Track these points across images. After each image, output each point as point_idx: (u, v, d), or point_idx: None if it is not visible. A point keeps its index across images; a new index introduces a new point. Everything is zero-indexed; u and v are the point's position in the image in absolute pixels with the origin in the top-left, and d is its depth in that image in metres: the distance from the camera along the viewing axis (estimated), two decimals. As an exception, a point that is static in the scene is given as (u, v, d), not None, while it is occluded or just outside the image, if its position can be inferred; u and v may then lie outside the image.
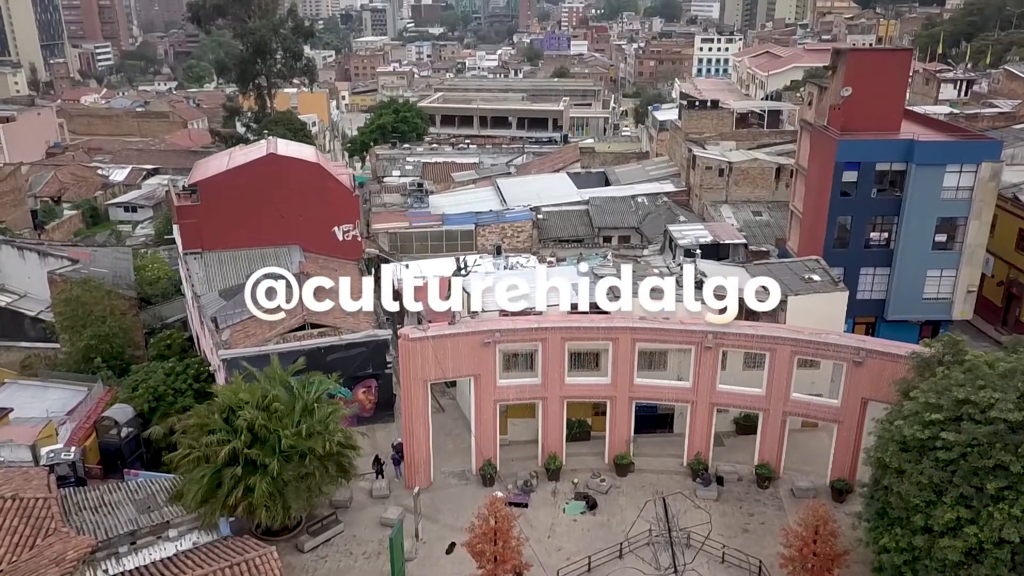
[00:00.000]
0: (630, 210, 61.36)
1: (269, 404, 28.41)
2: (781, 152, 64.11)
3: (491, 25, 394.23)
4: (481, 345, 31.82)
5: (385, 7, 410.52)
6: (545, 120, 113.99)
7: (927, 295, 41.43)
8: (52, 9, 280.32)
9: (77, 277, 46.89)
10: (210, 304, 40.96)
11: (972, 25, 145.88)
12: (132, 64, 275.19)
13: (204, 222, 44.82)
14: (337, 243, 46.99)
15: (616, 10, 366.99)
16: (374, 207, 63.70)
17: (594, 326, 32.56)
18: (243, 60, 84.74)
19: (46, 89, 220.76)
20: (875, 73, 40.77)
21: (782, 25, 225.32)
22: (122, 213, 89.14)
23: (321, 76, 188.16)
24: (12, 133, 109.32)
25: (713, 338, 31.67)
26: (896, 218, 40.21)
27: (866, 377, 30.13)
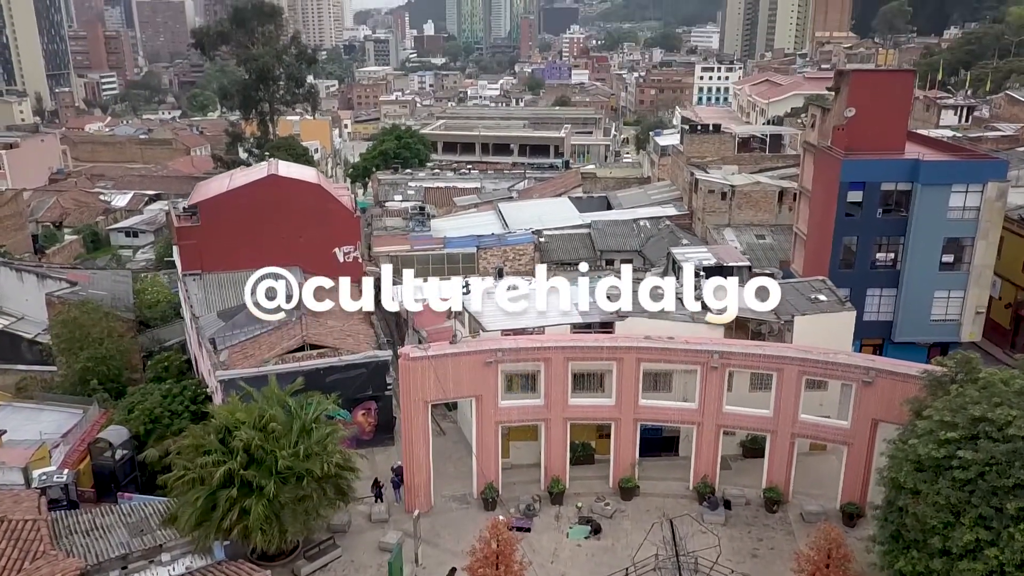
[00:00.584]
0: (632, 233, 61.12)
1: (266, 424, 27.77)
2: (783, 176, 64.02)
3: (493, 55, 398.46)
4: (483, 365, 31.25)
5: (388, 38, 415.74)
6: (546, 147, 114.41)
7: (935, 316, 40.92)
8: (59, 39, 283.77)
9: (75, 299, 46.50)
10: (209, 325, 40.44)
11: (970, 54, 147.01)
12: (137, 93, 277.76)
13: (204, 243, 44.53)
14: (338, 265, 46.53)
15: (616, 41, 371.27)
16: (376, 231, 63.50)
17: (598, 345, 32.03)
18: (246, 86, 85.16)
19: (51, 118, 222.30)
20: (878, 93, 40.64)
21: (781, 55, 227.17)
22: (123, 238, 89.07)
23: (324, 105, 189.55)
24: (15, 159, 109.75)
25: (719, 358, 31.10)
26: (902, 238, 39.81)
27: (876, 397, 29.50)
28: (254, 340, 38.64)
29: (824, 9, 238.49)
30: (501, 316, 34.81)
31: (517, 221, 63.59)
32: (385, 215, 67.03)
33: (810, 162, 47.50)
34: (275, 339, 38.22)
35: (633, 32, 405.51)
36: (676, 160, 73.14)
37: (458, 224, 65.31)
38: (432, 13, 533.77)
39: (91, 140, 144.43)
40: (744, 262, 48.60)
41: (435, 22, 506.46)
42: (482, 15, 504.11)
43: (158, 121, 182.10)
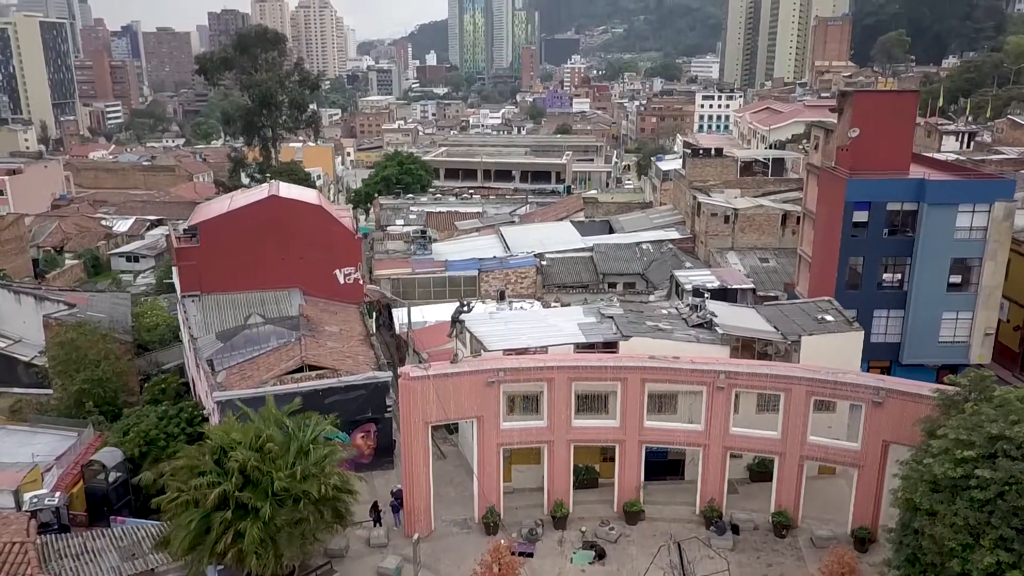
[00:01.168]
0: (635, 256, 60.80)
1: (262, 444, 27.10)
2: (786, 200, 63.80)
3: (495, 86, 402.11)
4: (484, 385, 30.64)
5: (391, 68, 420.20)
6: (548, 173, 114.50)
7: (943, 338, 40.33)
8: (65, 69, 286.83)
9: (72, 320, 45.99)
10: (207, 347, 39.92)
11: (970, 82, 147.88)
12: (141, 122, 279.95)
13: (203, 264, 44.12)
14: (338, 286, 46.21)
15: (617, 71, 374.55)
16: (377, 254, 63.20)
17: (602, 365, 31.44)
18: (248, 111, 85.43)
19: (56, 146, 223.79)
20: (882, 114, 40.47)
21: (781, 84, 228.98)
22: (124, 263, 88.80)
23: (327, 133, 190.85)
24: (18, 185, 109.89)
25: (725, 378, 30.48)
26: (909, 259, 39.37)
27: (887, 418, 28.83)
28: (252, 361, 38.18)
29: (823, 39, 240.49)
30: (503, 335, 34.32)
31: (519, 245, 63.30)
32: (387, 239, 66.73)
33: (814, 184, 47.25)
34: (274, 360, 37.73)
35: (634, 62, 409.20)
36: (678, 184, 73.04)
37: (460, 248, 64.99)
38: (434, 44, 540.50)
39: (94, 167, 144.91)
40: (748, 285, 48.41)
41: (437, 53, 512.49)
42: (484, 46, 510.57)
43: (162, 149, 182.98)
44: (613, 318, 35.20)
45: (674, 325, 35.13)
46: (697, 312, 35.50)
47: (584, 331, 34.53)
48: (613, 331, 33.91)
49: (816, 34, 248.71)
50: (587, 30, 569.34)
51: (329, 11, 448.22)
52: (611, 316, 35.50)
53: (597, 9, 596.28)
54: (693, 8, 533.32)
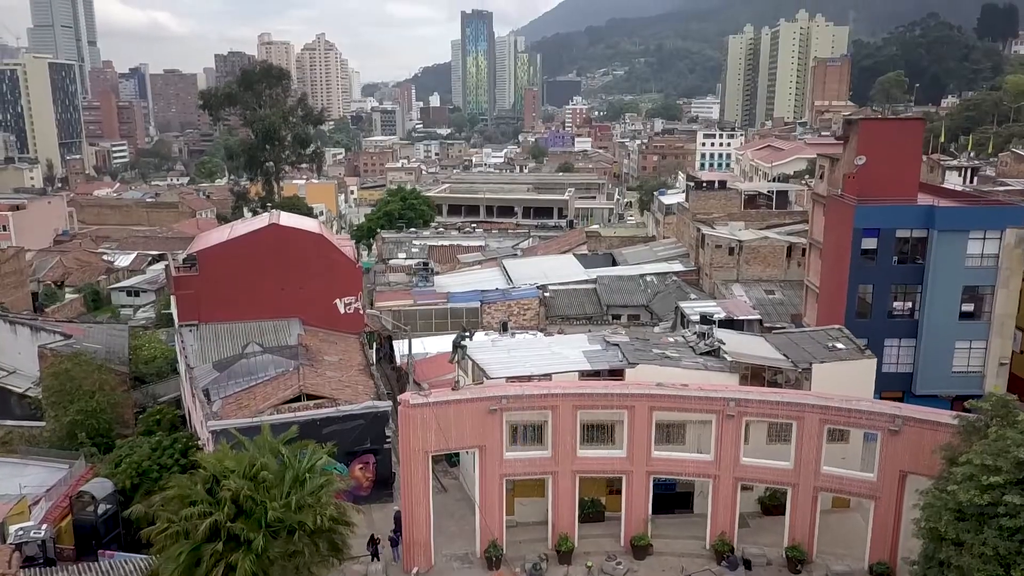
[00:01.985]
0: (639, 288, 60.13)
1: (257, 473, 26.06)
2: (791, 232, 63.33)
3: (497, 126, 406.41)
4: (487, 412, 29.73)
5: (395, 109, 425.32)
6: (550, 209, 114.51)
7: (956, 368, 39.41)
8: (72, 109, 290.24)
9: (67, 351, 45.23)
10: (203, 376, 39.10)
11: (970, 120, 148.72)
12: (147, 161, 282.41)
13: (202, 293, 43.46)
14: (339, 316, 45.46)
15: (618, 112, 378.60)
16: (378, 286, 62.66)
17: (608, 393, 30.53)
18: (251, 146, 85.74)
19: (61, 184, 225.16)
20: (888, 141, 40.15)
21: (781, 123, 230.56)
22: (124, 297, 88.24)
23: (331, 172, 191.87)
24: (21, 220, 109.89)
25: (735, 406, 29.55)
26: (919, 287, 38.64)
27: (904, 447, 27.82)
28: (249, 391, 37.32)
29: (823, 79, 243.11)
30: (505, 363, 33.49)
31: (522, 277, 62.80)
32: (388, 271, 66.27)
33: (820, 213, 46.79)
34: (271, 389, 36.87)
35: (634, 103, 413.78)
36: (681, 217, 72.67)
37: (462, 280, 64.48)
38: (438, 86, 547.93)
39: (98, 203, 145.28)
40: (755, 316, 47.63)
41: (441, 95, 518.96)
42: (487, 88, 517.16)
43: (166, 186, 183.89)
44: (618, 346, 34.42)
45: (681, 353, 34.31)
46: (705, 340, 34.70)
47: (589, 359, 33.73)
48: (619, 359, 33.11)
49: (815, 75, 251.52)
50: (588, 73, 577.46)
51: (334, 53, 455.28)
52: (616, 344, 34.72)
53: (598, 52, 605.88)
54: (692, 51, 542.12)
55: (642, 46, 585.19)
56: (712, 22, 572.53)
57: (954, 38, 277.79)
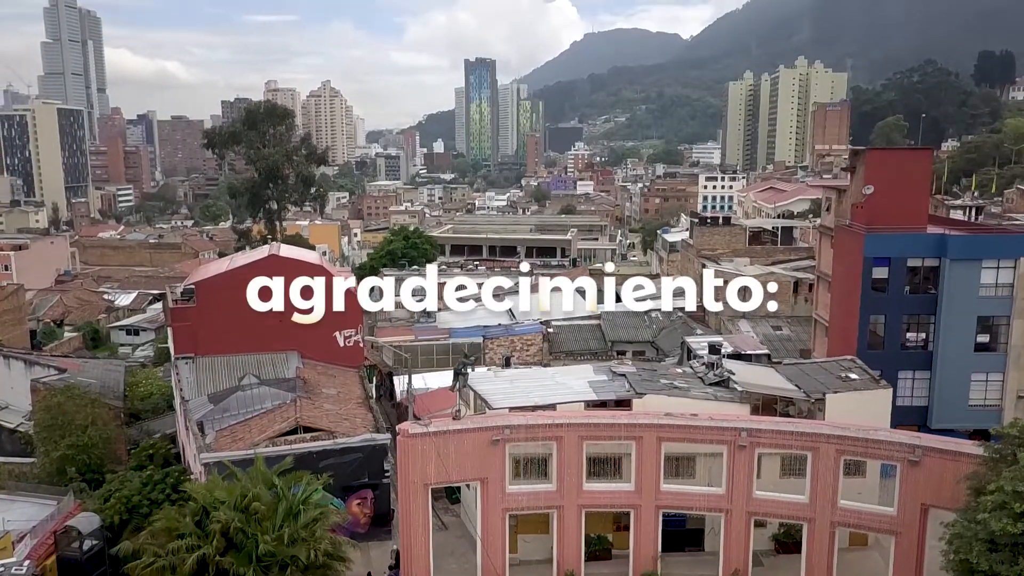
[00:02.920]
0: (644, 324, 59.20)
1: (248, 504, 25.02)
2: (797, 268, 62.67)
3: (500, 171, 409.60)
4: (489, 443, 28.64)
5: (399, 155, 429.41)
6: (553, 249, 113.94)
7: (973, 401, 38.25)
8: (80, 154, 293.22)
9: (60, 385, 44.27)
10: (197, 408, 38.10)
11: (971, 162, 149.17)
12: (152, 205, 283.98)
13: (199, 325, 42.64)
14: (338, 349, 44.52)
15: (620, 157, 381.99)
16: (379, 322, 61.80)
17: (615, 422, 29.46)
18: (254, 184, 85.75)
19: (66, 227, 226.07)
20: (896, 170, 39.65)
21: (782, 167, 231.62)
22: (124, 336, 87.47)
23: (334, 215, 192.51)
24: (23, 260, 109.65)
25: (747, 436, 28.45)
26: (933, 317, 37.72)
27: (924, 479, 26.64)
28: (245, 423, 36.29)
29: (823, 124, 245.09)
30: (508, 393, 32.47)
31: (525, 313, 61.90)
32: (390, 307, 65.36)
33: (827, 246, 46.14)
34: (267, 422, 35.83)
35: (636, 149, 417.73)
36: (685, 255, 72.22)
37: (464, 316, 63.55)
38: (442, 133, 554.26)
39: (101, 244, 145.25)
40: (763, 350, 46.61)
41: (444, 141, 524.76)
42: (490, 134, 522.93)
43: (169, 228, 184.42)
44: (625, 376, 33.46)
45: (690, 384, 33.32)
46: (714, 370, 33.72)
47: (595, 389, 32.72)
48: (626, 388, 32.13)
49: (815, 119, 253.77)
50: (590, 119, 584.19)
51: (339, 100, 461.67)
52: (623, 374, 33.73)
53: (599, 99, 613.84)
54: (693, 99, 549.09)
55: (643, 93, 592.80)
56: (711, 70, 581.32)
57: (952, 84, 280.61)
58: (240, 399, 38.07)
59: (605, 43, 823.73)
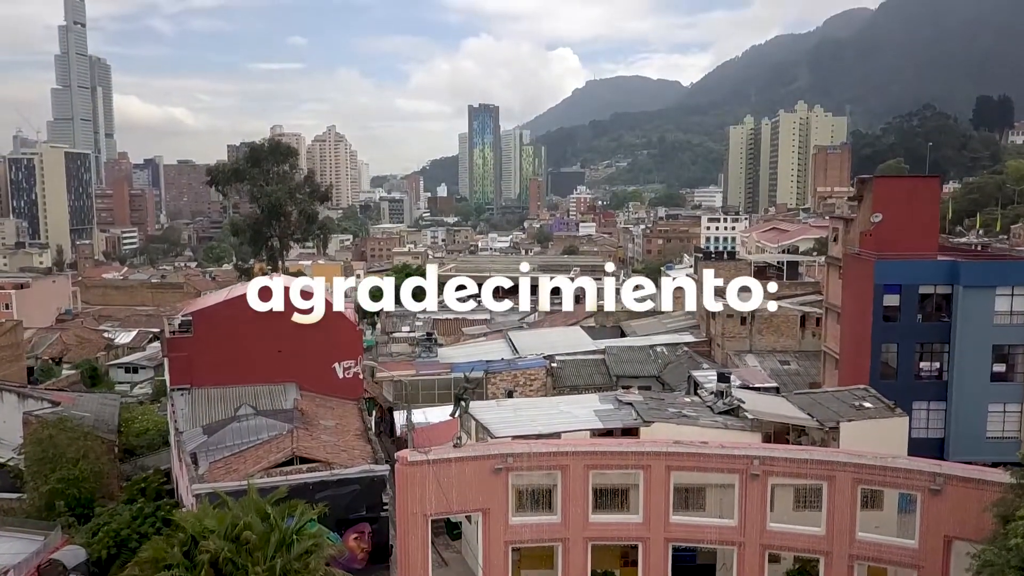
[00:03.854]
0: (649, 359, 58.22)
1: (239, 534, 23.86)
2: (803, 302, 61.87)
3: (503, 215, 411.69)
4: (491, 472, 27.57)
5: (403, 198, 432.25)
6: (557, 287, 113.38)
7: (991, 433, 37.06)
8: (85, 197, 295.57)
9: (53, 418, 43.26)
10: (191, 440, 37.04)
11: (974, 203, 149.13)
12: (156, 247, 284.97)
13: (196, 355, 41.77)
14: (337, 381, 43.55)
15: (622, 201, 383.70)
16: (381, 357, 60.98)
17: (622, 450, 28.41)
18: (257, 221, 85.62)
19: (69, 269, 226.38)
20: (904, 198, 39.16)
21: (784, 209, 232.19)
22: (123, 374, 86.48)
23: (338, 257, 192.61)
24: (24, 299, 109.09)
25: (759, 464, 27.35)
26: (947, 346, 36.79)
27: (947, 509, 25.47)
28: (240, 455, 35.17)
29: (824, 167, 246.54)
30: (511, 422, 31.47)
31: (528, 348, 61.04)
32: (391, 342, 64.64)
33: (835, 276, 45.52)
34: (262, 452, 34.71)
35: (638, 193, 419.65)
36: (691, 290, 71.40)
37: (467, 352, 62.80)
38: (445, 177, 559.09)
39: (103, 284, 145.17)
40: (771, 384, 45.57)
41: (448, 185, 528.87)
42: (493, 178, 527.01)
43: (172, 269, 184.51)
44: (632, 404, 32.46)
45: (699, 412, 32.28)
46: (723, 399, 32.71)
47: (601, 418, 31.75)
48: (633, 417, 31.08)
49: (816, 162, 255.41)
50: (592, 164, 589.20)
51: (344, 144, 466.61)
52: (630, 403, 32.74)
53: (601, 145, 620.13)
54: (694, 143, 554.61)
55: (644, 139, 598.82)
56: (711, 116, 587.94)
57: (951, 127, 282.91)
58: (235, 430, 37.02)
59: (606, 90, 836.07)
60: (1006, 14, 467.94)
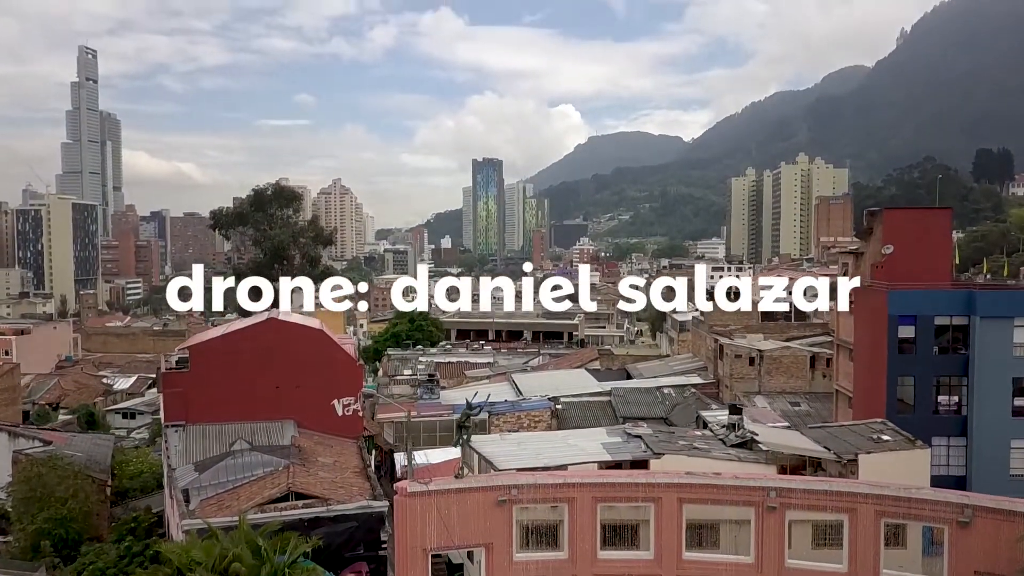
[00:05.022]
0: (656, 401, 56.86)
1: (227, 566, 22.63)
2: (812, 344, 60.85)
3: (506, 266, 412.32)
4: (495, 504, 26.26)
5: (407, 250, 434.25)
6: (560, 333, 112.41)
7: (1015, 471, 35.64)
8: (91, 248, 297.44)
9: (43, 456, 42.06)
10: (183, 476, 35.75)
11: (979, 251, 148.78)
12: (159, 297, 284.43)
13: (192, 391, 40.64)
14: (336, 418, 42.30)
15: (625, 252, 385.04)
16: (381, 399, 59.69)
17: (631, 482, 27.11)
18: (259, 264, 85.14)
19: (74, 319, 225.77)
20: (915, 230, 38.57)
21: (788, 259, 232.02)
22: (120, 420, 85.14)
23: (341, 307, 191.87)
24: (24, 345, 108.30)
25: (776, 496, 26.03)
26: (965, 379, 35.63)
27: (977, 543, 24.07)
28: (232, 491, 33.81)
29: (826, 217, 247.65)
30: (515, 455, 30.26)
31: (532, 390, 59.74)
32: (392, 384, 63.48)
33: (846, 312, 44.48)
34: (256, 489, 33.35)
35: (641, 245, 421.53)
36: (697, 332, 70.54)
37: (469, 394, 61.15)
38: (449, 230, 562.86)
39: (104, 332, 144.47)
40: (782, 424, 44.28)
41: (452, 238, 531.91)
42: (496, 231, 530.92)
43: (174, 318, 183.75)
44: (641, 437, 31.23)
45: (710, 445, 31.04)
46: (735, 431, 31.50)
47: (609, 450, 30.50)
48: (642, 449, 29.85)
49: (819, 212, 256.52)
50: (594, 217, 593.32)
51: (349, 197, 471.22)
52: (638, 436, 31.52)
53: (604, 198, 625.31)
54: (696, 197, 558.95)
55: (646, 192, 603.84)
56: (713, 169, 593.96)
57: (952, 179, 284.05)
58: (229, 466, 35.72)
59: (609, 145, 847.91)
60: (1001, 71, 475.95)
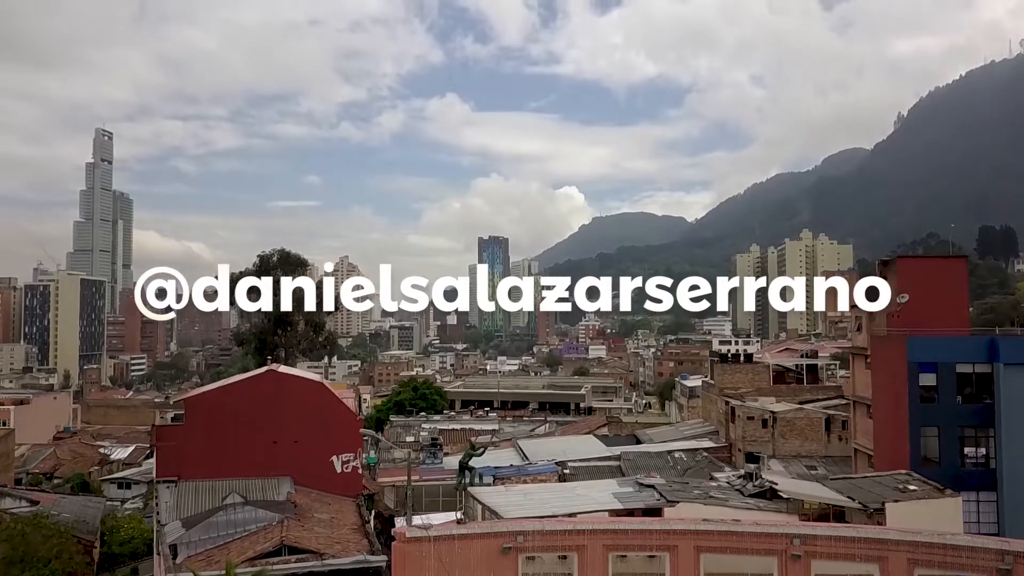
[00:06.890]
0: (667, 464, 54.69)
1: (212, 614, 20.93)
2: (826, 407, 59.10)
3: (512, 341, 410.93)
4: (499, 552, 24.59)
5: (412, 326, 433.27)
6: (567, 404, 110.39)
7: (1050, 527, 33.57)
8: (97, 323, 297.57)
9: (27, 515, 40.36)
10: (172, 532, 34.01)
11: (989, 323, 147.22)
12: (163, 373, 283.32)
13: (186, 445, 39.20)
14: (334, 475, 40.71)
15: (631, 328, 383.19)
16: (383, 463, 57.91)
17: (645, 529, 25.45)
18: (263, 330, 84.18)
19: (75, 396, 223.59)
20: (930, 279, 37.69)
21: (795, 335, 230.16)
22: (115, 489, 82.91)
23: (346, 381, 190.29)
24: (23, 416, 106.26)
25: (800, 544, 24.32)
26: (992, 429, 34.07)
27: (1019, 593, 22.28)
28: (223, 547, 32.06)
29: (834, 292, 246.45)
30: (520, 505, 28.65)
31: (538, 455, 57.73)
32: (394, 448, 61.64)
33: (861, 367, 43.38)
34: (248, 543, 31.64)
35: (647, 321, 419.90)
36: (707, 396, 68.84)
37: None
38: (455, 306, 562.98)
39: (104, 404, 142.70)
40: (800, 483, 42.45)
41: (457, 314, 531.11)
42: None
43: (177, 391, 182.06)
44: (654, 486, 29.62)
45: (728, 495, 29.40)
46: (753, 481, 29.89)
47: (620, 499, 28.86)
48: (656, 498, 28.23)
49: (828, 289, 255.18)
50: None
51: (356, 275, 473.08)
52: (651, 485, 29.92)
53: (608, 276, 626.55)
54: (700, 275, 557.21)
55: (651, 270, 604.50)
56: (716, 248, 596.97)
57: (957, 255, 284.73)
58: (221, 521, 34.01)
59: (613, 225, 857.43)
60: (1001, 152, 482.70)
